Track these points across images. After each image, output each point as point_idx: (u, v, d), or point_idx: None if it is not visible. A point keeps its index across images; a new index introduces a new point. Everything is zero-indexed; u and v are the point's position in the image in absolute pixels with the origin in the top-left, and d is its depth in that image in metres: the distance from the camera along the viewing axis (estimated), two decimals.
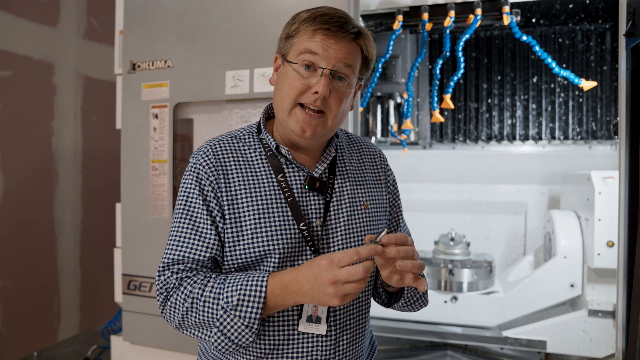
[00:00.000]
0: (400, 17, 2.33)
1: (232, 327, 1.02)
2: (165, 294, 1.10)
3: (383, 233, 1.01)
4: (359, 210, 1.23)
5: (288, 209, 1.15)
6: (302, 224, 1.14)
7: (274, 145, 1.18)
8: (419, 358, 2.47)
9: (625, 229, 1.73)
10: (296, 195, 1.17)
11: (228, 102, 2.17)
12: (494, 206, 3.19)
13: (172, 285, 1.09)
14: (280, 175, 1.17)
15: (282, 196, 1.16)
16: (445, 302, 2.54)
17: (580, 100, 2.78)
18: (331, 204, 1.20)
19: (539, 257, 2.78)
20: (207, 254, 1.12)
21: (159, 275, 1.12)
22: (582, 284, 2.40)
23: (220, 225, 1.13)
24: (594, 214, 2.24)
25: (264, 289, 1.01)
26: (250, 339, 1.02)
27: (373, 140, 2.69)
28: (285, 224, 1.13)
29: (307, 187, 1.17)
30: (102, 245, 4.34)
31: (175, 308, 1.08)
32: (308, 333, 1.14)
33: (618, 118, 1.83)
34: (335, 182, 1.23)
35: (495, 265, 2.68)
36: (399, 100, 2.72)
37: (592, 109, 2.77)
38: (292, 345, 1.14)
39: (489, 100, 2.90)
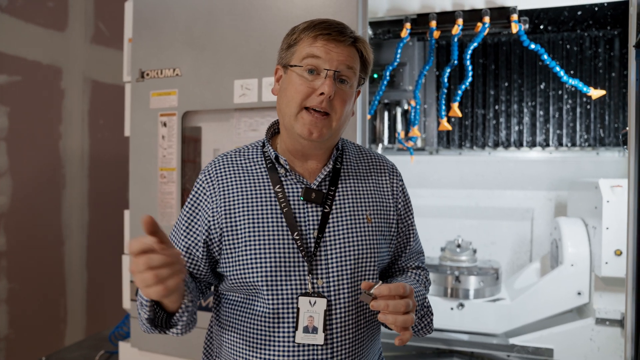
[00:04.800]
0: (408, 25, 2.33)
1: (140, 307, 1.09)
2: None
3: (378, 284, 1.02)
4: (361, 223, 1.23)
5: (283, 218, 1.16)
6: (295, 233, 1.16)
7: (273, 156, 1.21)
8: None
9: (634, 238, 1.73)
10: (292, 206, 1.18)
11: (236, 110, 2.18)
12: (501, 212, 3.19)
13: None
14: (278, 187, 1.20)
15: (278, 207, 1.18)
16: (452, 309, 2.54)
17: (588, 107, 2.77)
18: (330, 216, 1.21)
19: (545, 264, 2.78)
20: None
21: None
22: (590, 292, 2.40)
23: (201, 241, 1.18)
24: (602, 222, 2.23)
25: None
26: (145, 316, 1.05)
27: (380, 146, 2.69)
28: (279, 234, 1.16)
29: (302, 198, 1.19)
30: (109, 249, 4.37)
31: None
32: (303, 345, 1.15)
33: (627, 127, 1.83)
34: (337, 193, 1.24)
35: (501, 272, 2.68)
36: (406, 107, 2.72)
37: (600, 115, 2.76)
38: (288, 356, 1.15)
39: (496, 107, 2.90)
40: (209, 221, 1.17)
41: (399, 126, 2.65)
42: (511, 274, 3.08)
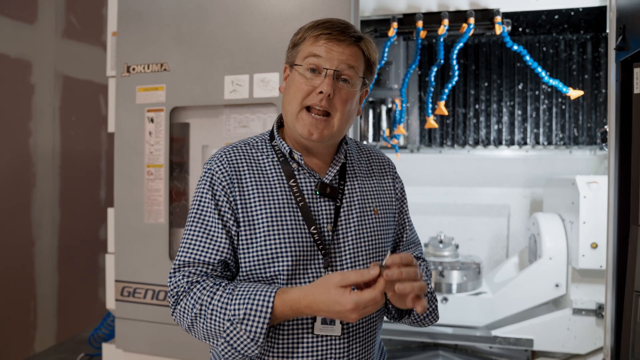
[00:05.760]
0: (395, 25, 2.37)
1: (238, 338, 1.05)
2: (175, 297, 1.14)
3: (387, 255, 1.03)
4: (369, 216, 1.26)
5: (299, 213, 1.17)
6: (312, 227, 1.17)
7: (288, 151, 1.21)
8: (411, 358, 2.52)
9: (615, 231, 1.81)
10: (307, 200, 1.19)
11: (226, 106, 2.16)
12: (478, 209, 3.28)
13: (182, 289, 1.13)
14: (292, 181, 1.20)
15: (293, 201, 1.18)
16: None
17: (563, 107, 2.90)
18: (341, 209, 1.22)
19: (523, 258, 2.88)
20: (218, 257, 1.16)
21: (170, 277, 1.16)
22: (567, 284, 2.50)
23: (234, 229, 1.16)
24: (579, 217, 2.33)
25: (270, 305, 1.04)
26: (256, 351, 1.06)
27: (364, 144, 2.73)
28: (297, 228, 1.16)
29: (317, 193, 1.20)
30: (81, 249, 4.23)
31: (184, 313, 1.11)
32: (322, 336, 1.17)
33: (606, 126, 1.92)
34: (346, 187, 1.26)
35: (482, 267, 2.76)
36: (390, 105, 2.76)
37: (574, 115, 2.89)
38: (307, 347, 1.16)
39: (477, 106, 2.99)
40: (233, 211, 1.15)
41: (384, 124, 2.69)
42: (489, 269, 3.18)
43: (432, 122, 2.38)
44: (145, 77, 2.19)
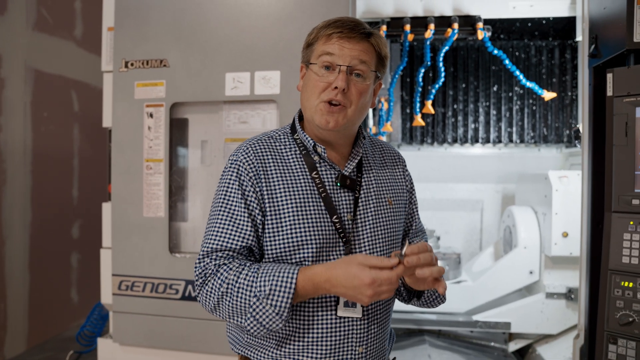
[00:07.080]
0: (384, 27, 2.50)
1: (264, 313, 1.12)
2: (203, 278, 1.20)
3: (406, 246, 1.13)
4: (384, 206, 1.36)
5: (322, 203, 1.25)
6: (334, 217, 1.26)
7: (312, 144, 1.29)
8: (399, 344, 2.65)
9: (588, 219, 2.00)
10: (329, 191, 1.28)
11: (225, 102, 2.21)
12: (454, 204, 3.47)
13: (210, 271, 1.19)
14: (315, 173, 1.28)
15: (316, 191, 1.26)
16: None
17: (534, 107, 3.13)
18: (359, 200, 1.32)
19: (498, 249, 3.08)
20: (243, 244, 1.22)
21: (199, 262, 1.21)
22: (540, 271, 2.71)
23: (259, 218, 1.23)
24: (551, 209, 2.54)
25: (294, 281, 1.12)
26: (280, 324, 1.14)
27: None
28: (320, 217, 1.24)
29: (338, 184, 1.29)
30: (54, 249, 4.12)
31: (211, 293, 1.17)
32: (344, 317, 1.26)
33: (579, 125, 2.12)
34: (363, 179, 1.35)
35: (462, 257, 2.94)
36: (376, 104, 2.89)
37: (544, 116, 3.13)
38: (329, 328, 1.25)
39: (455, 106, 3.17)
40: (259, 201, 1.21)
41: (370, 122, 2.82)
42: (465, 260, 3.37)
43: (419, 120, 2.52)
44: (144, 72, 2.21)
